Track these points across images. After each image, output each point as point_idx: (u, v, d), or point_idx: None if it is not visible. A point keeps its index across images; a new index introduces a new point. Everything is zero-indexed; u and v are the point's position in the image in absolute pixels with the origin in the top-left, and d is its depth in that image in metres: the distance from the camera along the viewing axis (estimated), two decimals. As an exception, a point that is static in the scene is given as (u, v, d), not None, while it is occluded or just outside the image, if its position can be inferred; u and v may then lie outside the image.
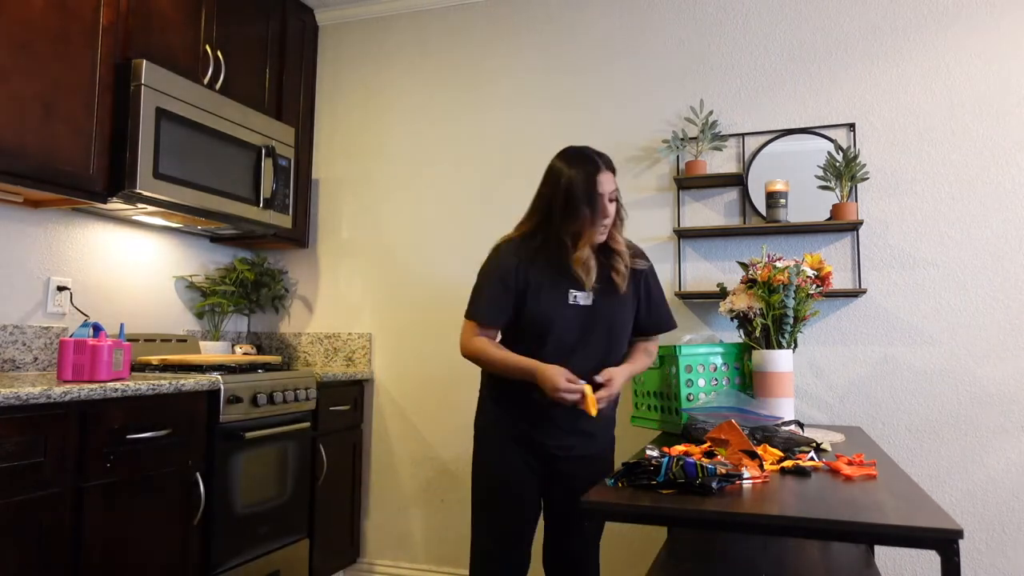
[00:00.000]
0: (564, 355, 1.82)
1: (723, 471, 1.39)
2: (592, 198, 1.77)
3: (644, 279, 1.94)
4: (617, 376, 1.81)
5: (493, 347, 1.87)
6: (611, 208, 1.81)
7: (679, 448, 1.65)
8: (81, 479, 1.87)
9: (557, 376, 1.72)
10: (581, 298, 1.84)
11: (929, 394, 2.51)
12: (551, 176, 1.85)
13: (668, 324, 2.01)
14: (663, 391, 2.27)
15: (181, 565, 2.17)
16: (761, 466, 1.50)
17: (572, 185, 1.77)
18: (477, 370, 3.04)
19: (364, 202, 3.33)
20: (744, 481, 1.43)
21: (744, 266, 2.35)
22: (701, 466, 1.37)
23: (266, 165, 2.87)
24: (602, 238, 1.84)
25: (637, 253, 1.95)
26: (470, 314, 1.91)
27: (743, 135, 2.77)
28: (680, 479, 1.37)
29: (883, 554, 2.49)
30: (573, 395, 1.71)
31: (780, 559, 1.92)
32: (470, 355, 1.89)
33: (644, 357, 1.98)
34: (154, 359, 2.50)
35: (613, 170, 1.85)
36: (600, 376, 1.79)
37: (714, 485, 1.35)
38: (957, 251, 2.52)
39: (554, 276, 1.84)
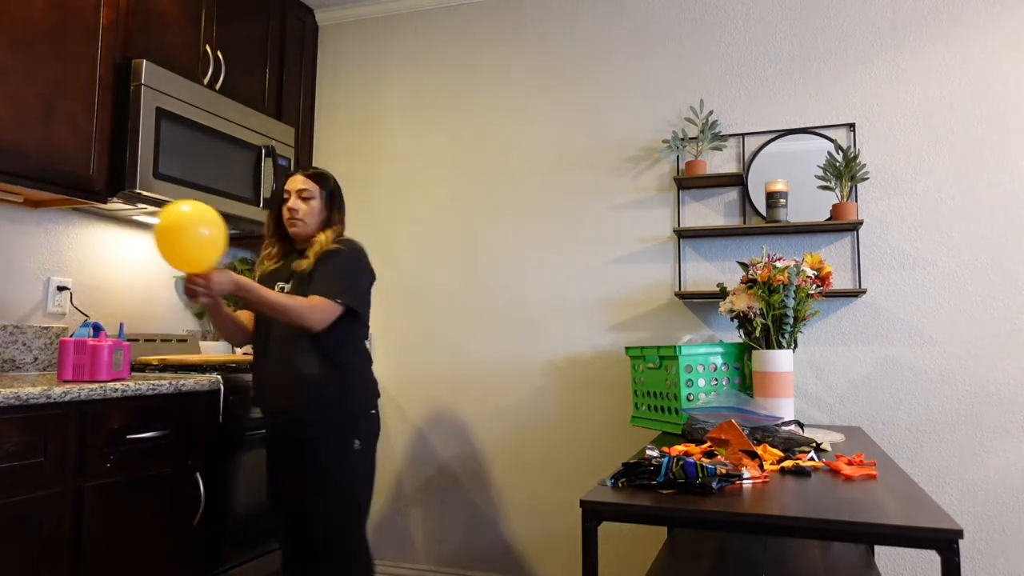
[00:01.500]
0: (264, 333, 2.11)
1: (723, 471, 1.39)
2: (279, 191, 2.17)
3: (323, 259, 2.06)
4: (216, 274, 1.88)
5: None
6: (295, 203, 2.10)
7: (679, 448, 1.65)
8: (81, 479, 1.87)
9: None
10: (286, 287, 2.10)
11: (929, 394, 2.51)
12: None
13: (316, 292, 1.99)
14: (663, 391, 2.27)
15: (181, 565, 2.17)
16: (761, 466, 1.50)
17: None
18: (478, 368, 3.06)
19: (364, 202, 3.33)
20: (744, 481, 1.43)
21: (744, 266, 2.35)
22: (701, 466, 1.37)
23: (266, 165, 2.87)
24: (293, 229, 2.12)
25: (344, 241, 2.12)
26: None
27: (743, 135, 2.77)
28: (680, 479, 1.37)
29: (883, 554, 2.49)
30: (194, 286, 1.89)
31: (780, 559, 1.92)
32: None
33: (286, 297, 1.96)
34: (154, 359, 2.50)
35: (308, 174, 2.14)
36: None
37: (714, 485, 1.35)
38: (957, 251, 2.52)
39: (273, 272, 2.17)
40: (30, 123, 2.06)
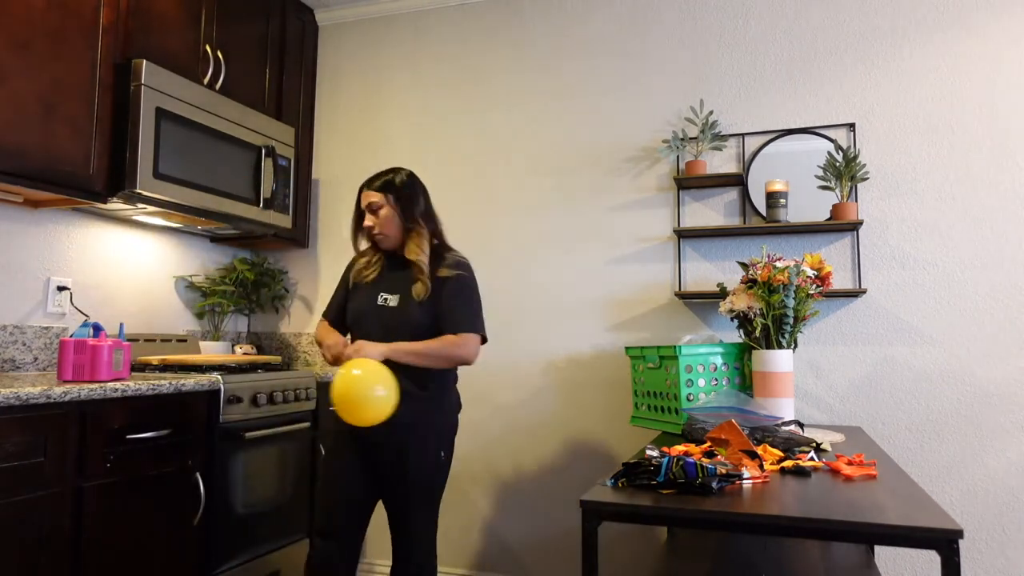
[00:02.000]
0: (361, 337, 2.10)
1: (723, 471, 1.39)
2: (357, 208, 2.15)
3: (447, 285, 2.06)
4: (366, 345, 1.96)
5: (322, 331, 2.18)
6: (371, 219, 2.08)
7: (679, 448, 1.65)
8: (81, 479, 1.87)
9: (334, 346, 2.03)
10: (391, 300, 2.07)
11: (929, 394, 2.51)
12: None
13: (454, 326, 2.03)
14: (663, 391, 2.27)
15: (181, 565, 2.17)
16: (761, 466, 1.50)
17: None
18: (477, 369, 3.06)
19: (364, 202, 3.33)
20: (744, 481, 1.43)
21: (744, 266, 2.35)
22: (701, 466, 1.37)
23: (266, 165, 2.87)
24: (383, 246, 2.12)
25: (451, 264, 2.09)
26: (325, 312, 2.24)
27: (743, 135, 2.77)
28: (680, 479, 1.37)
29: (883, 554, 2.49)
30: (329, 351, 2.03)
31: (780, 559, 1.92)
32: (318, 343, 2.14)
33: (434, 341, 2.02)
34: (154, 359, 2.50)
35: (373, 187, 2.09)
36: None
37: (714, 485, 1.35)
38: (957, 251, 2.52)
39: (372, 281, 2.12)
40: (30, 123, 2.06)
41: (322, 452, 2.11)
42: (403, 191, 2.08)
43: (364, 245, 2.19)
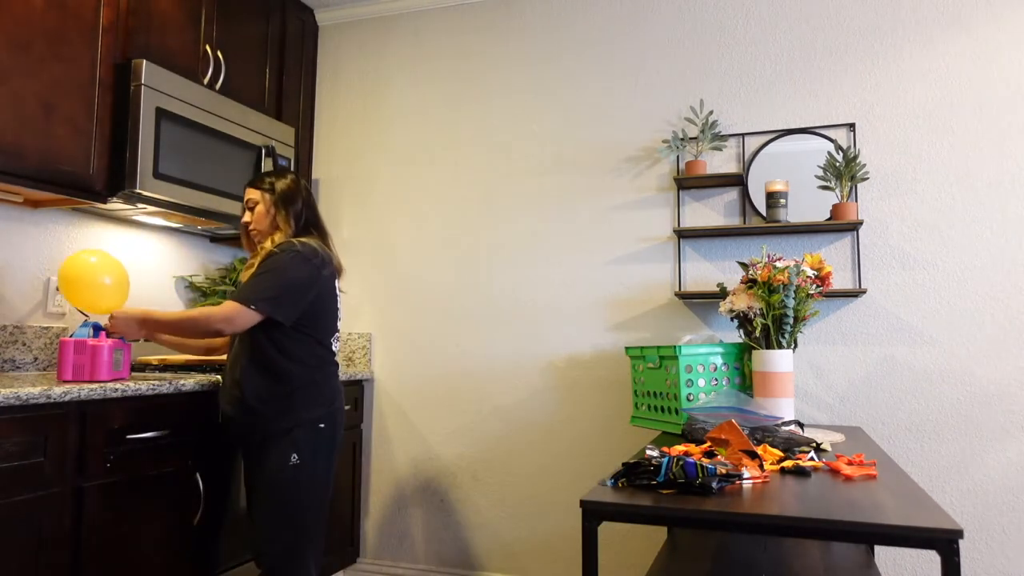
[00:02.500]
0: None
1: (723, 471, 1.39)
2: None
3: (262, 260, 2.04)
4: (118, 315, 2.04)
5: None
6: (246, 215, 2.14)
7: (679, 448, 1.65)
8: (81, 479, 1.87)
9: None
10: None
11: (929, 394, 2.51)
12: None
13: (234, 296, 1.99)
14: (663, 391, 2.27)
15: (181, 565, 2.17)
16: (761, 466, 1.50)
17: None
18: (478, 369, 3.06)
19: (364, 202, 3.33)
20: (744, 481, 1.43)
21: (744, 266, 2.35)
22: (701, 466, 1.37)
23: (266, 165, 2.87)
24: (255, 239, 2.15)
25: (281, 245, 2.05)
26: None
27: (743, 135, 2.77)
28: (680, 479, 1.37)
29: (883, 554, 2.49)
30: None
31: (780, 559, 1.92)
32: None
33: (188, 311, 2.02)
34: (154, 359, 2.50)
35: (254, 184, 2.16)
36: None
37: (714, 485, 1.35)
38: (957, 251, 2.52)
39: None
40: (30, 123, 2.06)
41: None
42: (285, 193, 2.13)
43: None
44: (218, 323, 1.93)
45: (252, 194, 2.14)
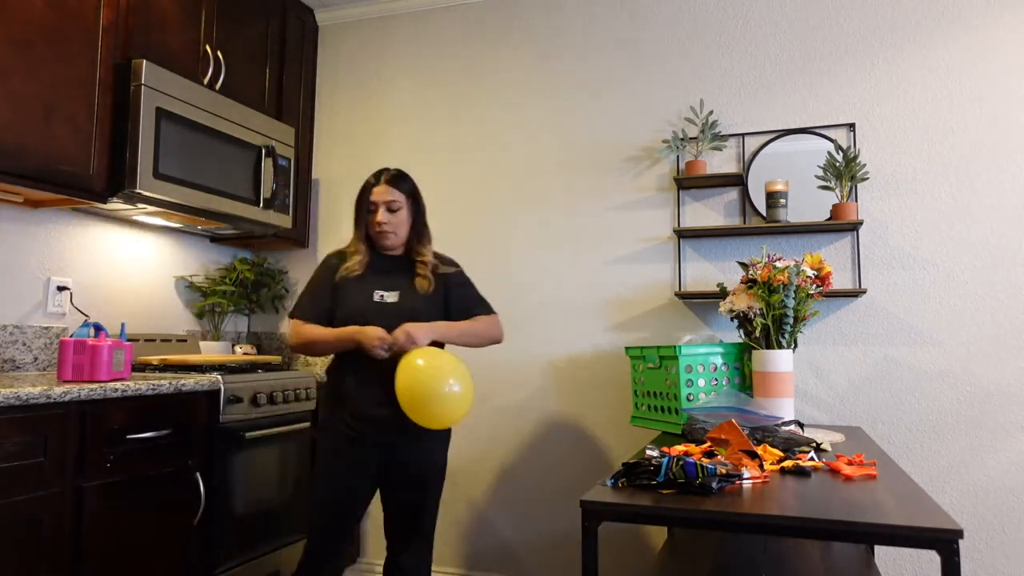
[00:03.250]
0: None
1: (723, 471, 1.39)
2: (362, 202, 2.09)
3: (451, 280, 2.16)
4: (412, 327, 1.94)
5: (317, 329, 2.04)
6: (384, 216, 2.06)
7: (679, 448, 1.65)
8: (81, 479, 1.87)
9: (368, 335, 1.92)
10: (388, 296, 2.07)
11: (929, 394, 2.51)
12: None
13: (480, 309, 2.17)
14: (663, 391, 2.27)
15: (181, 565, 2.17)
16: (761, 466, 1.50)
17: (359, 194, 2.12)
18: (478, 368, 3.05)
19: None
20: (744, 481, 1.43)
21: (744, 266, 2.35)
22: (701, 466, 1.37)
23: (266, 165, 2.87)
24: (385, 241, 2.09)
25: (446, 261, 2.18)
26: (291, 314, 2.11)
27: (743, 135, 2.77)
28: (680, 479, 1.37)
29: (883, 554, 2.49)
30: (383, 345, 1.91)
31: (780, 559, 1.92)
32: (300, 344, 2.05)
33: (462, 323, 2.11)
34: (154, 359, 2.50)
35: (395, 184, 2.08)
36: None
37: (714, 485, 1.35)
38: (957, 251, 2.52)
39: (363, 278, 2.08)
40: (30, 123, 2.06)
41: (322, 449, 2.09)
42: (418, 192, 2.15)
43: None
44: (501, 336, 2.20)
45: (396, 195, 2.07)
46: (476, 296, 2.20)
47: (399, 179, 2.09)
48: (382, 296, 2.06)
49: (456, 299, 2.15)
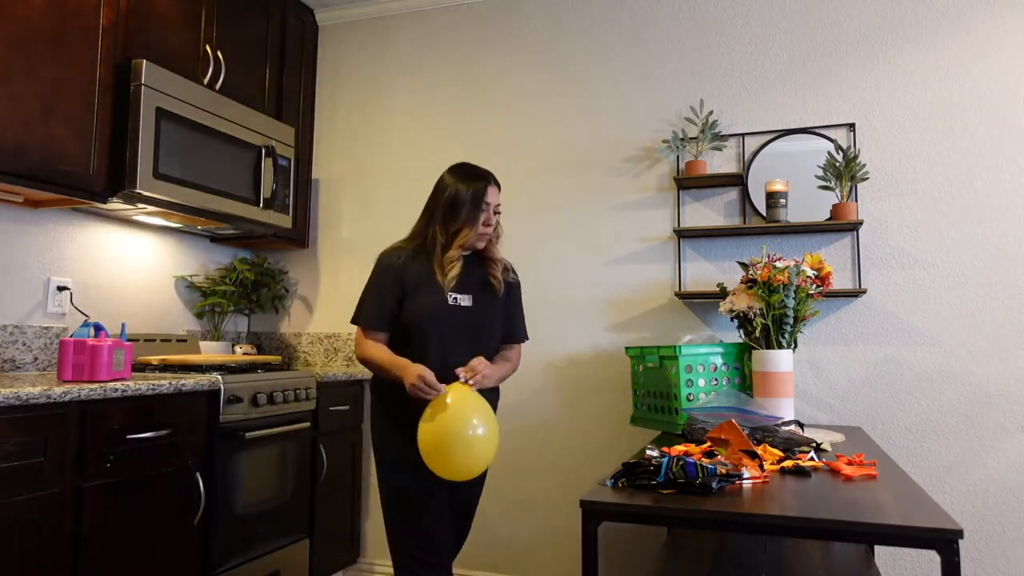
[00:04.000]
0: (444, 351, 1.92)
1: (723, 471, 1.39)
2: (477, 202, 1.94)
3: (512, 291, 2.08)
4: (482, 365, 1.86)
5: (377, 349, 1.94)
6: (494, 218, 1.98)
7: (679, 448, 1.65)
8: (81, 479, 1.87)
9: (418, 371, 1.79)
10: (462, 299, 1.95)
11: (929, 394, 2.51)
12: (439, 185, 2.02)
13: (521, 336, 2.14)
14: (663, 391, 2.27)
15: (181, 565, 2.17)
16: (761, 466, 1.50)
17: (458, 192, 1.95)
18: (477, 370, 3.05)
19: (364, 202, 3.33)
20: (744, 481, 1.43)
21: (744, 266, 2.35)
22: (701, 466, 1.37)
23: (266, 165, 2.87)
24: (480, 244, 1.99)
25: (509, 267, 2.10)
26: (355, 319, 1.99)
27: (743, 135, 2.77)
28: (680, 479, 1.37)
29: (883, 554, 2.49)
30: (427, 394, 1.77)
31: (780, 559, 1.92)
32: (362, 358, 1.96)
33: (506, 365, 2.06)
34: (154, 359, 2.50)
35: (499, 186, 2.02)
36: (462, 368, 1.84)
37: (714, 485, 1.35)
38: (957, 251, 2.52)
39: (431, 277, 1.94)
40: (30, 123, 2.06)
41: (387, 460, 1.94)
42: None
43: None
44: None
45: (498, 195, 2.01)
46: (522, 319, 2.13)
47: (493, 176, 2.03)
48: (456, 299, 1.94)
49: (509, 316, 2.06)
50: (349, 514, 3.07)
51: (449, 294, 1.93)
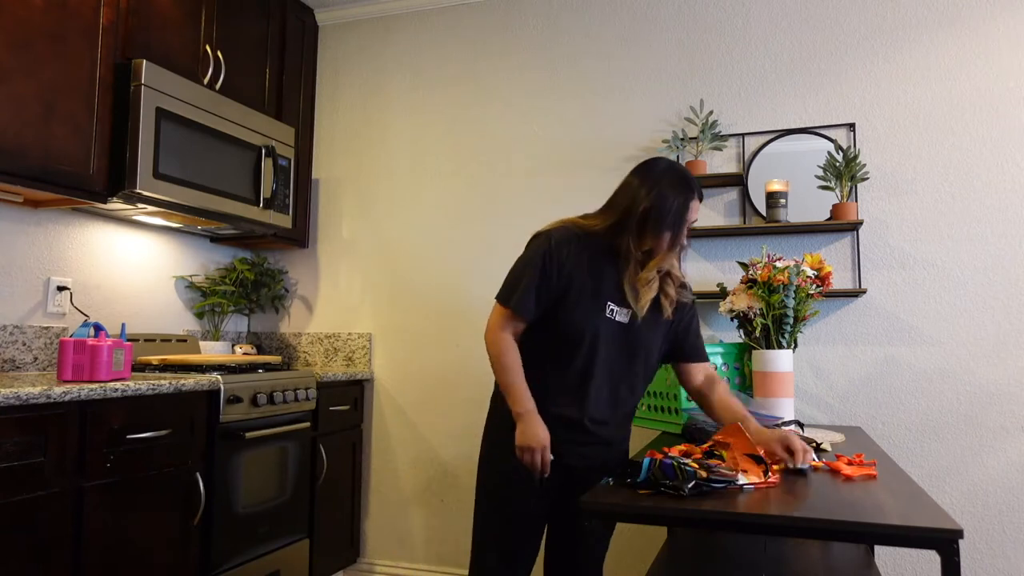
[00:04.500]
0: (589, 369, 1.69)
1: (704, 474, 1.37)
2: (680, 222, 1.66)
3: (688, 311, 1.81)
4: (806, 448, 1.58)
5: (514, 357, 1.70)
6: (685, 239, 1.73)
7: (680, 448, 1.64)
8: (81, 479, 1.87)
9: (536, 437, 1.62)
10: (619, 314, 1.69)
11: (929, 394, 2.51)
12: (646, 185, 1.68)
13: (704, 355, 1.85)
14: (663, 391, 2.27)
15: (181, 565, 2.17)
16: (766, 472, 1.47)
17: (666, 203, 1.65)
18: (478, 369, 3.06)
19: (364, 202, 3.33)
20: (744, 486, 1.42)
21: (744, 266, 2.35)
22: (680, 468, 1.36)
23: (266, 165, 2.87)
24: (673, 260, 1.73)
25: (684, 284, 1.81)
26: (504, 299, 1.71)
27: (743, 135, 2.77)
28: (662, 480, 1.36)
29: (883, 554, 2.49)
30: (532, 462, 1.64)
31: (780, 559, 1.92)
32: (493, 351, 1.71)
33: (731, 396, 1.77)
34: (154, 359, 2.50)
35: (702, 199, 1.75)
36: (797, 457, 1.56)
37: (686, 488, 1.33)
38: (957, 251, 2.52)
39: (599, 284, 1.69)
40: (30, 123, 2.06)
41: (496, 467, 1.78)
42: None
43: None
44: None
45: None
46: (702, 342, 1.82)
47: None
48: (613, 311, 1.69)
49: (689, 340, 1.78)
50: (349, 514, 3.07)
51: (607, 304, 1.68)
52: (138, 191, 2.30)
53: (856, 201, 2.57)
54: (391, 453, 3.16)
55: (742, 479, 1.42)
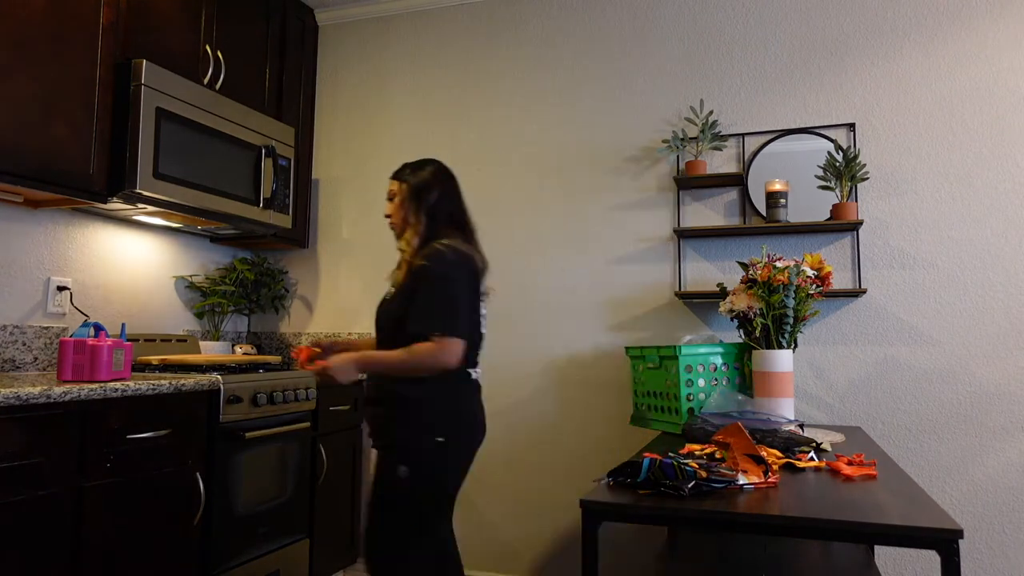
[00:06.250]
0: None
1: (703, 474, 1.37)
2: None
3: (414, 274, 1.90)
4: (333, 365, 1.91)
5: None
6: (387, 206, 2.06)
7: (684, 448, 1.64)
8: (81, 479, 1.87)
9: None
10: (387, 293, 2.04)
11: (929, 394, 2.51)
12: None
13: (415, 326, 1.84)
14: (663, 391, 2.27)
15: (181, 565, 2.17)
16: (766, 472, 1.46)
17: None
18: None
19: (364, 202, 3.33)
20: (744, 486, 1.42)
21: (744, 266, 2.35)
22: (680, 468, 1.36)
23: (266, 165, 2.87)
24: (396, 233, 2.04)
25: (424, 253, 1.90)
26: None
27: (743, 135, 2.77)
28: (662, 480, 1.36)
29: (883, 554, 2.49)
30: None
31: (780, 559, 1.92)
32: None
33: (399, 352, 1.86)
34: (154, 359, 2.50)
35: (393, 175, 2.07)
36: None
37: (686, 488, 1.33)
38: (957, 251, 2.52)
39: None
40: (30, 123, 2.06)
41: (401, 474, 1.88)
42: (421, 185, 1.98)
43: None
44: (429, 370, 1.83)
45: (391, 185, 2.05)
46: (425, 307, 1.85)
47: (401, 170, 2.05)
48: (386, 292, 2.07)
49: (409, 306, 1.88)
50: (349, 514, 3.07)
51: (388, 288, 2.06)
52: (138, 191, 2.30)
53: (856, 201, 2.57)
54: (391, 453, 3.16)
55: (742, 479, 1.42)
